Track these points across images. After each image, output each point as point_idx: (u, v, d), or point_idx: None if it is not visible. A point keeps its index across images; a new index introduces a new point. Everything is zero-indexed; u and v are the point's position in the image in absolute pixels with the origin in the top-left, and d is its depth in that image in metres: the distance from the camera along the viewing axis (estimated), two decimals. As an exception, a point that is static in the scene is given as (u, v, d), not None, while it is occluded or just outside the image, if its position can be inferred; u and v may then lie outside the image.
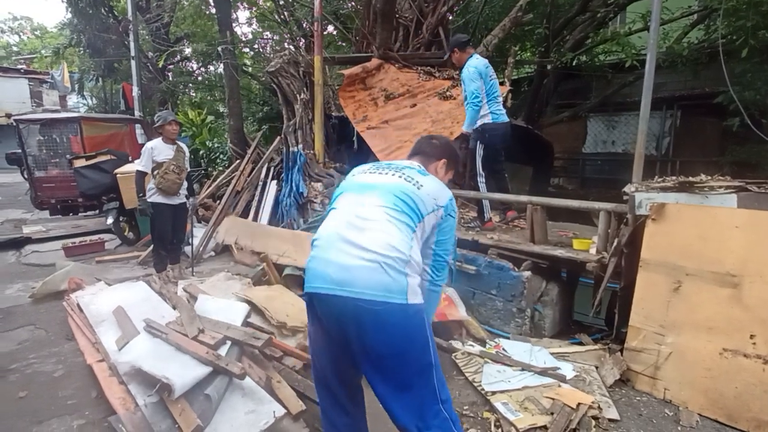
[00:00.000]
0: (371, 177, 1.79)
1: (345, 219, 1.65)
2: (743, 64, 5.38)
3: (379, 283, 1.48)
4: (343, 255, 1.54)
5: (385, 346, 1.49)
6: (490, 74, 4.03)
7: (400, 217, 1.62)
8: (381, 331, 1.48)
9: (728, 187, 2.50)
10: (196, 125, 10.63)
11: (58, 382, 2.80)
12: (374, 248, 1.52)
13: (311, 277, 1.60)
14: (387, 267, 1.49)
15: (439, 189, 1.77)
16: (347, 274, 1.50)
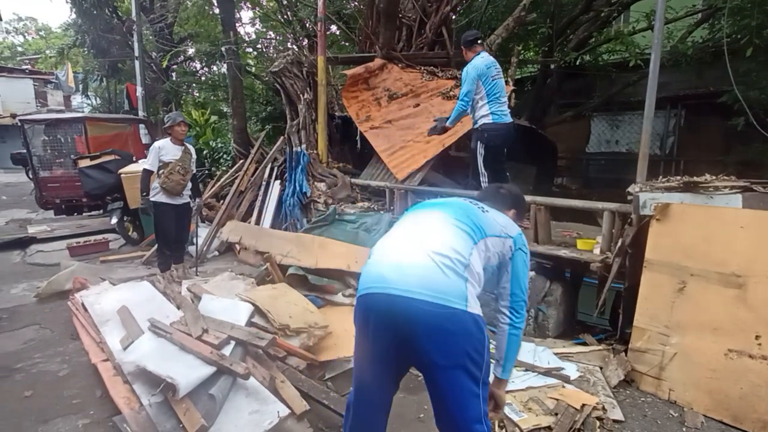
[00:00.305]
0: (434, 201, 1.81)
1: (402, 227, 1.64)
2: (748, 63, 5.33)
3: (437, 283, 1.40)
4: (397, 254, 1.50)
5: (438, 354, 1.40)
6: (492, 74, 3.97)
7: (461, 225, 1.57)
8: (436, 336, 1.40)
9: (733, 187, 2.49)
10: (200, 125, 10.67)
11: (63, 382, 2.82)
12: (431, 247, 1.46)
13: (362, 282, 1.53)
14: (445, 267, 1.43)
15: (508, 221, 1.74)
16: (401, 272, 1.43)
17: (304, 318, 3.03)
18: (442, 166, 6.01)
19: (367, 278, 1.51)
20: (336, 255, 4.12)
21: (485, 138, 4.08)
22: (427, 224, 1.61)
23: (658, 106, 6.27)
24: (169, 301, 3.42)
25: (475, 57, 4.06)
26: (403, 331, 1.42)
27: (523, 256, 1.70)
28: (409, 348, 1.44)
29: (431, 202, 1.78)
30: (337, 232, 4.84)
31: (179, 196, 4.35)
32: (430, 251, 1.46)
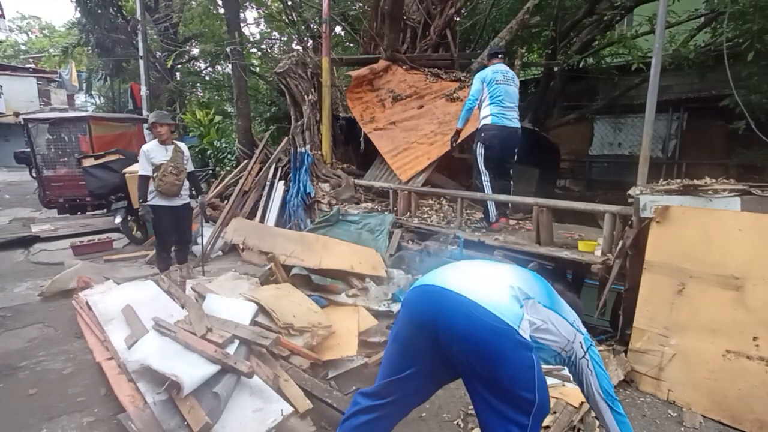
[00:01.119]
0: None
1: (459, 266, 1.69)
2: (750, 67, 5.35)
3: (495, 299, 1.44)
4: (463, 273, 1.58)
5: (480, 365, 1.44)
6: (497, 79, 4.15)
7: (528, 276, 1.64)
8: (480, 345, 1.42)
9: (732, 190, 2.51)
10: (204, 125, 10.70)
11: (68, 380, 2.85)
12: (495, 278, 1.55)
13: (423, 279, 1.60)
14: (505, 290, 1.48)
15: (577, 318, 1.70)
16: (463, 283, 1.49)
17: (308, 318, 3.06)
18: (445, 167, 6.04)
19: (426, 279, 1.60)
20: (339, 255, 4.15)
21: (482, 138, 4.20)
22: (492, 265, 1.69)
23: (660, 109, 6.30)
24: (174, 301, 3.44)
25: (489, 66, 4.30)
26: (445, 325, 1.47)
27: (597, 353, 1.66)
28: (452, 347, 1.48)
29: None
30: (341, 232, 4.87)
31: (177, 197, 4.30)
32: (493, 278, 1.54)
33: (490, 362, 1.41)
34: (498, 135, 4.13)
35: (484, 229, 4.30)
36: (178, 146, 4.36)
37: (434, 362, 1.61)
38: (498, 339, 1.39)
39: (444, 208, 5.37)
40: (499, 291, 1.48)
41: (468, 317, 1.42)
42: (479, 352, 1.42)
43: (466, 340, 1.43)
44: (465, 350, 1.45)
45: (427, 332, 1.52)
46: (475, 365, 1.45)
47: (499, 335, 1.39)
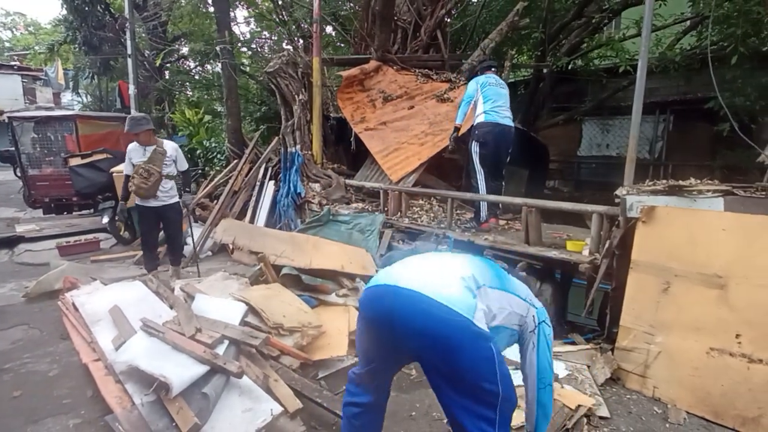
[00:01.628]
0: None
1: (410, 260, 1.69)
2: (734, 70, 5.45)
3: (448, 292, 1.45)
4: (414, 269, 1.59)
5: (440, 360, 1.44)
6: (489, 83, 4.28)
7: (480, 262, 1.68)
8: (434, 339, 1.42)
9: (716, 190, 2.56)
10: (194, 124, 10.61)
11: (53, 382, 2.81)
12: (445, 269, 1.57)
13: (376, 279, 1.62)
14: (457, 281, 1.49)
15: (530, 293, 1.76)
16: (415, 279, 1.50)
17: (298, 318, 3.05)
18: (436, 168, 6.07)
19: (381, 277, 1.60)
20: (330, 255, 4.15)
21: (476, 135, 4.26)
22: (441, 258, 1.72)
23: (647, 111, 6.39)
24: (162, 301, 3.41)
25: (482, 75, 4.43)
26: (401, 323, 1.47)
27: (547, 330, 1.70)
28: (409, 344, 1.49)
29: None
30: (331, 232, 4.87)
31: (153, 198, 4.21)
32: (443, 272, 1.54)
33: (449, 356, 1.41)
34: (492, 131, 4.18)
35: (474, 229, 4.33)
36: (159, 148, 4.24)
37: (397, 361, 1.67)
38: (454, 332, 1.40)
39: (434, 209, 5.39)
40: (451, 283, 1.48)
41: (423, 313, 1.42)
42: (437, 346, 1.41)
43: (423, 336, 1.43)
44: (423, 346, 1.45)
45: (385, 331, 1.54)
46: (435, 361, 1.46)
47: (454, 328, 1.39)
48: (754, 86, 5.72)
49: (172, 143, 4.46)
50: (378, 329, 1.58)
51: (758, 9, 4.77)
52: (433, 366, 1.48)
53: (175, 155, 4.33)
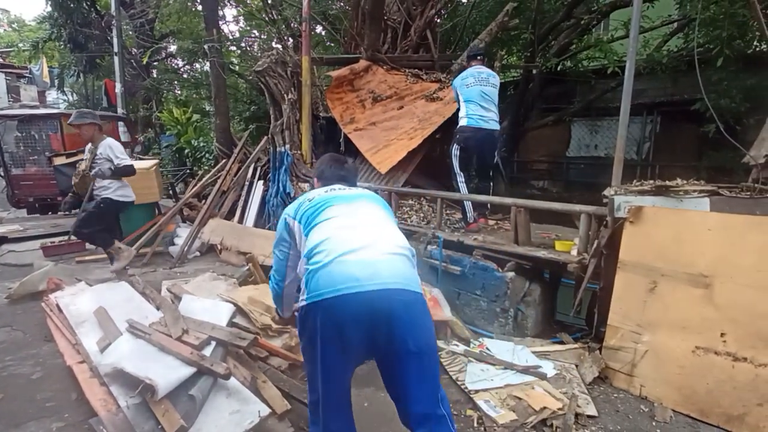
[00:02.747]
0: (344, 192, 1.86)
1: (349, 224, 1.64)
2: (719, 72, 5.53)
3: (404, 272, 1.53)
4: (362, 253, 1.53)
5: (420, 337, 1.52)
6: (467, 83, 4.22)
7: (391, 218, 1.79)
8: (412, 321, 1.50)
9: (701, 191, 2.59)
10: (182, 123, 10.52)
11: (36, 385, 2.75)
12: (392, 244, 1.60)
13: (326, 283, 1.49)
14: (406, 258, 1.60)
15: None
16: (372, 268, 1.48)
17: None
18: (426, 168, 6.07)
19: (331, 280, 1.49)
20: (319, 255, 4.12)
21: (457, 139, 4.28)
22: (374, 223, 1.69)
23: (634, 113, 6.47)
24: (149, 302, 3.37)
25: (466, 70, 4.36)
26: (382, 323, 1.47)
27: None
28: (388, 337, 1.49)
29: (349, 195, 1.83)
30: (320, 232, 4.84)
31: (87, 193, 4.33)
32: (391, 246, 1.59)
33: (424, 331, 1.54)
34: (473, 137, 4.19)
35: (463, 229, 4.34)
36: (95, 146, 4.25)
37: (357, 363, 1.66)
38: (422, 306, 1.56)
39: (424, 209, 5.39)
40: (403, 263, 1.58)
41: (400, 304, 1.49)
42: (417, 326, 1.52)
43: (404, 323, 1.49)
44: (404, 331, 1.49)
45: (360, 339, 1.50)
46: (410, 345, 1.49)
47: (422, 305, 1.56)
48: (739, 88, 5.82)
49: (109, 141, 4.31)
50: (356, 340, 1.50)
51: (743, 12, 4.85)
52: (406, 350, 1.50)
53: (108, 153, 4.21)
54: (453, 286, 3.74)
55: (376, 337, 1.49)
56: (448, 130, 5.33)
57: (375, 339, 1.49)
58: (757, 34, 5.23)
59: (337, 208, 1.73)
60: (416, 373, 1.51)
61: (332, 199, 1.77)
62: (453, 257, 3.80)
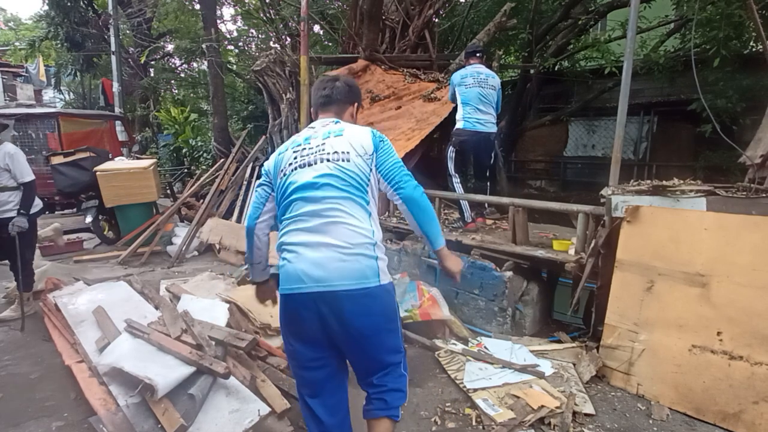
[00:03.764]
0: (304, 174, 1.71)
1: (305, 220, 1.66)
2: (716, 73, 5.57)
3: (355, 272, 1.58)
4: (314, 253, 1.61)
5: (365, 327, 1.62)
6: (467, 83, 4.18)
7: (353, 198, 1.67)
8: (360, 314, 1.60)
9: (698, 191, 2.61)
10: (179, 123, 10.51)
11: (35, 384, 2.75)
12: (343, 242, 1.60)
13: (286, 280, 1.66)
14: (359, 257, 1.60)
15: (361, 136, 1.77)
16: (323, 271, 1.57)
17: (285, 317, 3.03)
18: (424, 168, 6.07)
19: (289, 277, 1.64)
20: (317, 255, 4.13)
21: (453, 142, 4.28)
22: (329, 216, 1.64)
23: (631, 113, 6.49)
24: (147, 302, 3.37)
25: (465, 67, 4.33)
26: (332, 318, 1.59)
27: (383, 144, 1.80)
28: (341, 329, 1.61)
29: (309, 182, 1.69)
30: (319, 232, 4.84)
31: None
32: (342, 246, 1.60)
33: (373, 318, 1.63)
34: (468, 140, 4.20)
35: (461, 228, 4.35)
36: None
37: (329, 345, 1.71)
38: (372, 298, 1.62)
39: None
40: (354, 262, 1.60)
41: (348, 301, 1.58)
42: (365, 317, 1.61)
43: (354, 317, 1.60)
44: (356, 323, 1.61)
45: (317, 330, 1.64)
46: (365, 330, 1.63)
47: (373, 297, 1.61)
48: (735, 88, 5.85)
49: (8, 147, 3.60)
50: (314, 331, 1.66)
51: (740, 12, 4.87)
52: (361, 334, 1.63)
53: (7, 163, 3.52)
54: (451, 285, 3.75)
55: (331, 329, 1.63)
56: (446, 130, 5.34)
57: (329, 330, 1.63)
58: (753, 34, 5.26)
59: (298, 197, 1.70)
60: (367, 353, 1.70)
61: (295, 188, 1.70)
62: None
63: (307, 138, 1.80)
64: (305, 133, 1.85)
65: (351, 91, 1.97)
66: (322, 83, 1.97)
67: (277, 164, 1.81)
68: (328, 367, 1.73)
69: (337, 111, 1.92)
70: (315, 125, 1.88)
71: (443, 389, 2.75)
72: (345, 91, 1.94)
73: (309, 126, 1.90)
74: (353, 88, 2.00)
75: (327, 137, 1.76)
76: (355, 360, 1.74)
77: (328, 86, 1.94)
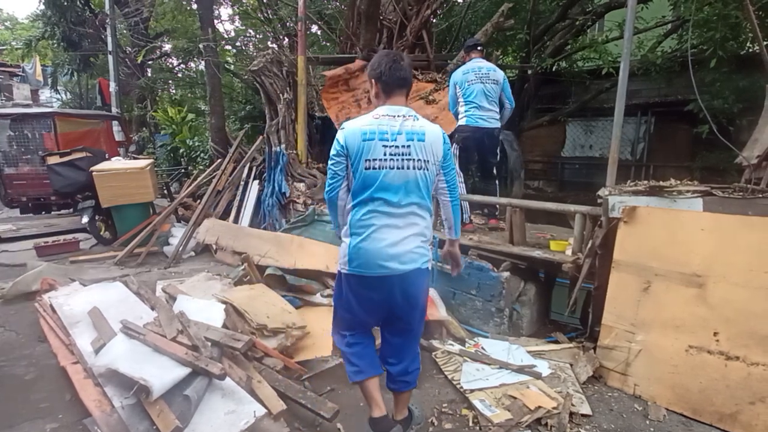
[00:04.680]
0: (395, 176, 1.93)
1: (385, 220, 1.95)
2: (713, 73, 5.58)
3: (415, 260, 1.98)
4: (394, 252, 1.94)
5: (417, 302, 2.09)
6: (469, 80, 4.14)
7: (422, 203, 1.99)
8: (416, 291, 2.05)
9: (695, 191, 2.61)
10: (176, 123, 10.48)
11: (30, 386, 2.73)
12: (411, 247, 1.97)
13: (365, 263, 1.96)
14: (420, 253, 2.00)
15: (436, 143, 1.98)
16: (397, 262, 1.94)
17: (282, 318, 3.02)
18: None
19: (368, 263, 1.95)
20: (314, 255, 4.12)
21: (457, 139, 4.25)
22: (404, 223, 1.97)
23: (629, 113, 6.50)
24: (143, 302, 3.36)
25: (466, 63, 4.28)
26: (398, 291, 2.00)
27: (449, 151, 2.06)
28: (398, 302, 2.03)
29: (394, 185, 1.94)
30: (316, 232, 4.84)
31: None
32: (410, 249, 1.97)
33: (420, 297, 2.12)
34: (472, 137, 4.18)
35: (459, 229, 4.34)
36: None
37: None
38: (423, 279, 2.10)
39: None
40: (416, 256, 2.01)
41: (407, 281, 2.02)
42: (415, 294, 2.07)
43: (407, 293, 2.04)
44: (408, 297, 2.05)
45: (382, 301, 2.06)
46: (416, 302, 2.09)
47: (423, 278, 2.10)
48: (731, 89, 5.87)
49: None
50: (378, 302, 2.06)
51: (736, 13, 4.89)
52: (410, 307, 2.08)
53: None
54: (448, 286, 3.75)
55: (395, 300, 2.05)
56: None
57: (393, 301, 2.05)
58: (750, 35, 5.28)
59: (381, 195, 1.94)
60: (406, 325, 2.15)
61: (380, 184, 1.93)
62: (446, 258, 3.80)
63: (393, 134, 1.93)
64: (389, 123, 1.94)
65: (409, 75, 2.04)
66: (394, 61, 2.00)
67: (361, 150, 1.92)
68: None
69: (407, 94, 2.05)
70: (395, 114, 1.96)
71: (440, 390, 2.74)
72: (411, 74, 2.05)
73: (388, 114, 1.96)
74: (409, 72, 2.05)
75: (411, 140, 1.93)
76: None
77: (404, 67, 1.99)
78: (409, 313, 2.07)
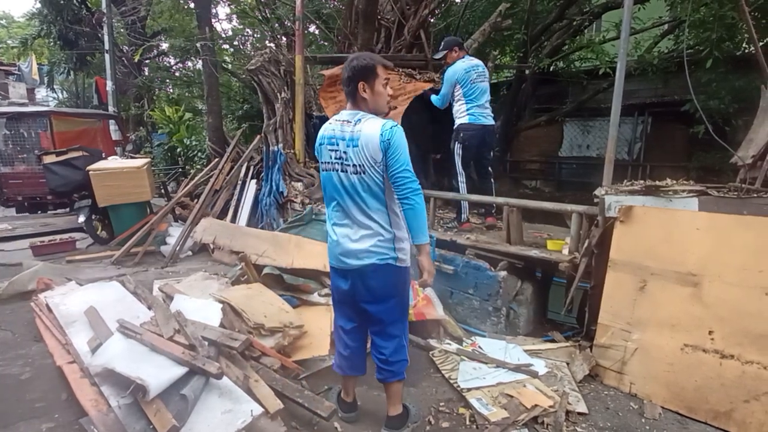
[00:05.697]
0: (339, 179, 2.06)
1: (341, 220, 2.11)
2: (709, 74, 5.61)
3: (370, 256, 2.06)
4: (351, 248, 2.08)
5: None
6: (472, 78, 4.15)
7: (371, 206, 2.02)
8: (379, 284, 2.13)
9: (690, 191, 2.63)
10: (174, 122, 10.44)
11: (26, 385, 2.72)
12: (366, 246, 2.05)
13: (333, 256, 2.19)
14: (376, 252, 2.06)
15: (371, 143, 1.94)
16: (354, 258, 2.07)
17: (279, 317, 3.02)
18: (420, 168, 6.06)
19: (336, 257, 2.16)
20: (312, 255, 4.12)
21: (461, 138, 4.24)
22: (357, 224, 2.07)
23: (626, 113, 6.53)
24: (140, 302, 3.35)
25: (458, 60, 4.24)
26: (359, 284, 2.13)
27: (395, 137, 1.95)
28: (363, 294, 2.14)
29: (341, 193, 2.07)
30: (314, 232, 4.83)
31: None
32: (368, 249, 2.06)
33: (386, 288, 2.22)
34: (476, 135, 4.19)
35: (456, 228, 4.35)
36: None
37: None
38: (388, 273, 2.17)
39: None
40: (376, 255, 2.09)
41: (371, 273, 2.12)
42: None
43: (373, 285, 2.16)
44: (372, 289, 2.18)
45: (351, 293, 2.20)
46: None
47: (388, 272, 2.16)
48: (727, 89, 5.90)
49: None
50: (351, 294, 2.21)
51: (732, 14, 4.91)
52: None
53: None
54: (446, 285, 3.76)
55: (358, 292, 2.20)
56: (441, 129, 5.34)
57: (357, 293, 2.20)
58: (746, 36, 5.30)
59: (335, 204, 2.16)
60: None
61: (331, 193, 2.15)
62: (446, 256, 3.82)
63: (338, 139, 2.03)
64: (340, 128, 2.04)
65: (353, 73, 2.06)
66: (347, 67, 2.09)
67: (320, 153, 2.14)
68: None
69: (353, 103, 2.11)
70: (350, 119, 2.04)
71: (437, 389, 2.75)
72: (346, 77, 2.08)
73: (344, 119, 2.06)
74: (357, 69, 2.05)
75: (348, 146, 1.99)
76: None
77: (348, 67, 2.08)
78: (375, 305, 2.14)
